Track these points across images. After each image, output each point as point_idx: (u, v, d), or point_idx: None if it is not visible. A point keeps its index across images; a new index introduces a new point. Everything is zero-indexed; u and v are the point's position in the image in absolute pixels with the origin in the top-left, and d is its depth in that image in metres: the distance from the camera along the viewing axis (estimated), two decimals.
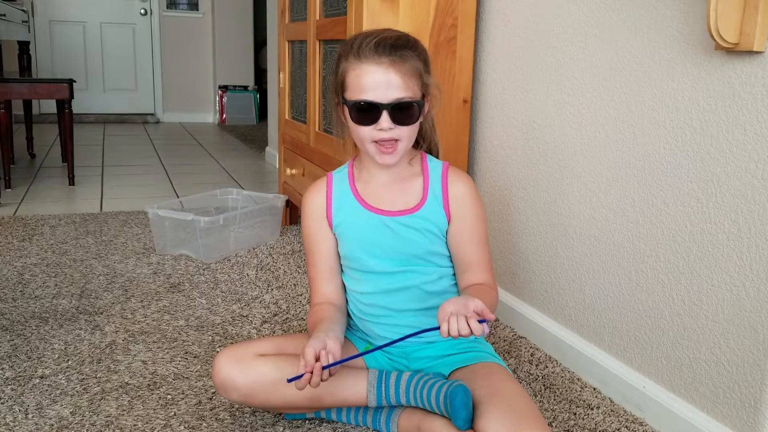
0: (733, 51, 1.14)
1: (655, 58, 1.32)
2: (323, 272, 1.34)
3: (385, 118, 1.17)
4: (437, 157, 1.34)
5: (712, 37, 1.11)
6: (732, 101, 1.16)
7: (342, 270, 1.35)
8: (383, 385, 1.21)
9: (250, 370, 1.21)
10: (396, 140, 1.20)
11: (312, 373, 1.09)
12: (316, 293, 1.34)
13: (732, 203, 1.17)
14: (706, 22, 1.16)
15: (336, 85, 1.24)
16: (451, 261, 1.31)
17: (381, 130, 1.17)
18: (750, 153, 1.13)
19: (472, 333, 1.03)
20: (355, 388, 1.23)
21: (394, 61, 1.16)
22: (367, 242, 1.28)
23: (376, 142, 1.20)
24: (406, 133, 1.20)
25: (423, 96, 1.21)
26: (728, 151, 1.17)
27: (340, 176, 1.34)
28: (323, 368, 1.10)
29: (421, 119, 1.23)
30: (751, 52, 1.12)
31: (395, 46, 1.17)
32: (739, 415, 1.18)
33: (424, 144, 1.33)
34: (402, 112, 1.17)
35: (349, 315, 1.37)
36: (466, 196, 1.28)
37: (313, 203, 1.33)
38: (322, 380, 1.10)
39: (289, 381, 1.11)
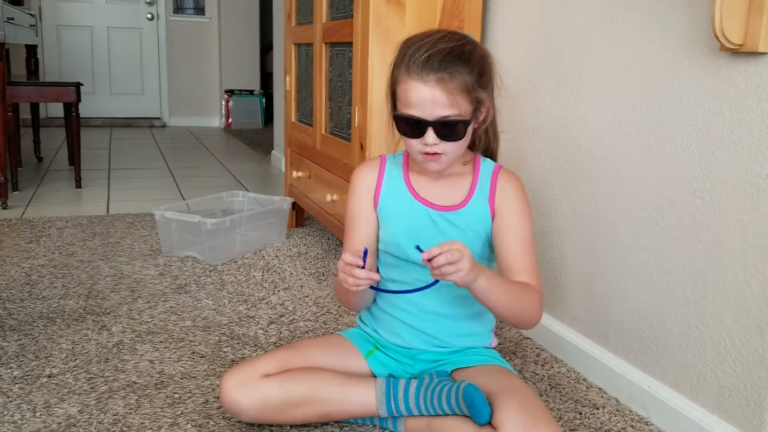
0: (738, 52, 1.15)
1: (659, 59, 1.32)
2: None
3: (430, 134, 1.18)
4: (494, 159, 1.35)
5: (716, 38, 1.12)
6: (737, 102, 1.17)
7: (378, 256, 1.35)
8: (392, 400, 1.22)
9: (257, 394, 1.23)
10: (441, 152, 1.21)
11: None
12: None
13: (737, 203, 1.17)
14: (710, 23, 1.16)
15: (389, 88, 1.26)
16: (492, 267, 1.30)
17: (426, 144, 1.19)
18: (755, 153, 1.14)
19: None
20: (364, 406, 1.24)
21: (441, 78, 1.15)
22: (410, 231, 1.29)
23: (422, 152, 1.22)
24: (452, 148, 1.21)
25: (475, 109, 1.21)
26: (733, 151, 1.18)
27: (394, 161, 1.35)
28: (373, 288, 1.16)
29: (467, 134, 1.22)
30: (756, 53, 1.12)
31: (444, 61, 1.16)
32: (744, 414, 1.18)
33: (480, 146, 1.33)
34: (447, 129, 1.18)
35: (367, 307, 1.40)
36: (513, 193, 1.29)
37: (363, 181, 1.35)
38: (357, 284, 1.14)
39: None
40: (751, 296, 1.16)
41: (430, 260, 1.08)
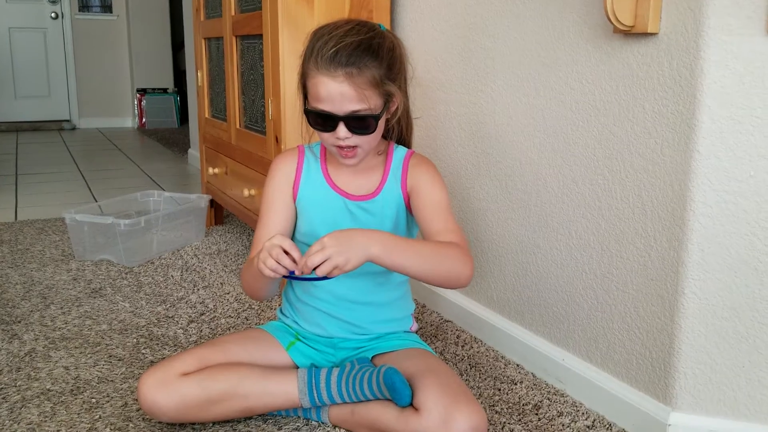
0: (630, 33, 1.20)
1: (560, 44, 1.37)
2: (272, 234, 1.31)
3: (341, 128, 1.17)
4: (408, 146, 1.36)
5: (609, 20, 1.17)
6: (631, 81, 1.22)
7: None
8: (314, 390, 1.22)
9: (175, 394, 1.21)
10: (355, 146, 1.21)
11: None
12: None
13: (635, 179, 1.23)
14: (603, 6, 1.21)
15: (299, 81, 1.24)
16: None
17: (339, 138, 1.19)
18: (649, 130, 1.20)
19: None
20: (287, 398, 1.24)
21: (349, 73, 1.14)
22: (327, 222, 1.28)
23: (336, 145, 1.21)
24: (365, 141, 1.21)
25: (386, 101, 1.20)
26: (630, 129, 1.23)
27: (311, 152, 1.34)
28: (286, 277, 1.13)
29: (379, 127, 1.22)
30: (646, 34, 1.18)
31: (353, 55, 1.14)
32: (651, 379, 1.24)
33: (393, 135, 1.33)
34: (358, 123, 1.17)
35: (286, 298, 1.39)
36: (424, 170, 1.29)
37: (283, 170, 1.33)
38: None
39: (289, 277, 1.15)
40: (652, 267, 1.22)
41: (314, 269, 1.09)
